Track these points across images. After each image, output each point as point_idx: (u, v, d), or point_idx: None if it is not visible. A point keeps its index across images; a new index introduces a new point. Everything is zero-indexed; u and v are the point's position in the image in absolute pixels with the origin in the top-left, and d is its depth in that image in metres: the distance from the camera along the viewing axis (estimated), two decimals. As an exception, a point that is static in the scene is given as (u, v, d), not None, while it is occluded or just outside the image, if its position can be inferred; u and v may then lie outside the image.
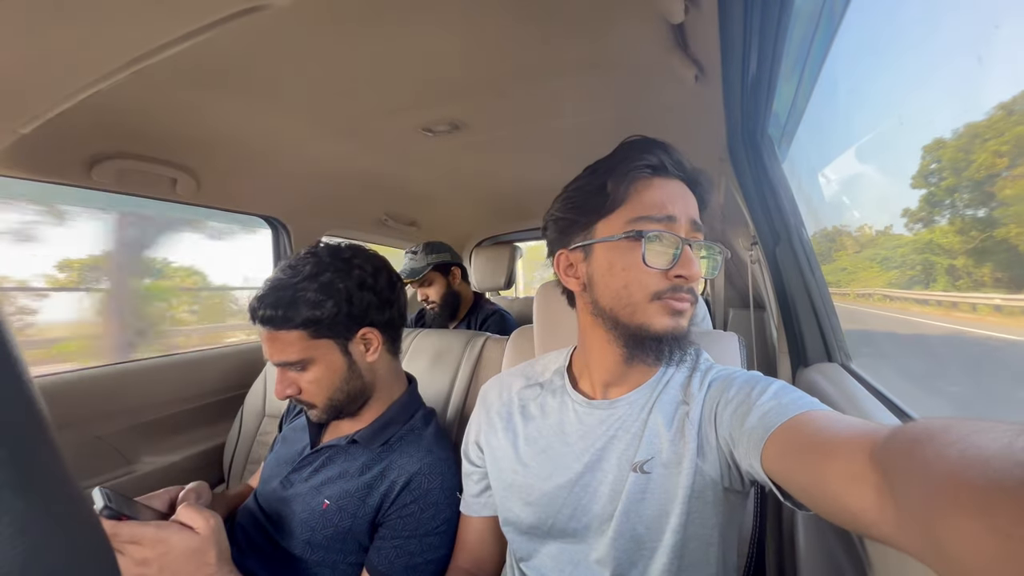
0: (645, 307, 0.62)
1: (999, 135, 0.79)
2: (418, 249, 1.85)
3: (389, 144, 1.37)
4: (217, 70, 0.92)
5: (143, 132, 1.10)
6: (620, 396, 0.69)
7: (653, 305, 0.61)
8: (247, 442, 1.37)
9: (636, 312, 0.62)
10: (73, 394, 1.20)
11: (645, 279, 0.61)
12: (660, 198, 0.63)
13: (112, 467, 1.25)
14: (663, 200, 0.62)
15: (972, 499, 0.26)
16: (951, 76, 0.77)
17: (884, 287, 1.60)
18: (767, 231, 1.15)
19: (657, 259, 0.60)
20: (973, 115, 0.80)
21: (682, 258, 0.60)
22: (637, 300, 0.62)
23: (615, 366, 0.68)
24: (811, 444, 0.46)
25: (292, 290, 0.80)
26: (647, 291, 0.61)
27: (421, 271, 1.80)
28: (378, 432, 0.87)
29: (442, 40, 0.87)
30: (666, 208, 0.62)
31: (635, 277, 0.61)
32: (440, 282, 1.84)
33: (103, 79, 0.68)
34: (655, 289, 0.61)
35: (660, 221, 0.61)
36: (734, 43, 0.71)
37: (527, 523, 0.69)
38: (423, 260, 1.82)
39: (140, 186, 1.23)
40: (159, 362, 1.42)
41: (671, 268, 0.60)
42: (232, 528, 0.88)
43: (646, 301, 0.61)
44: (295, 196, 1.63)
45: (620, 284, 0.62)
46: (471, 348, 1.23)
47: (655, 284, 0.61)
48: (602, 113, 1.21)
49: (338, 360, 0.84)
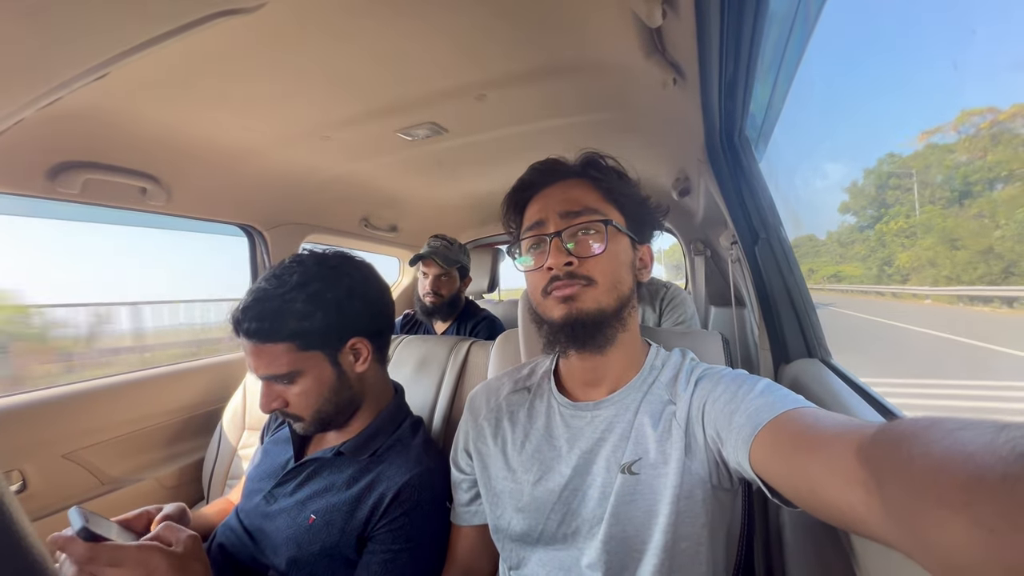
0: (542, 303, 0.69)
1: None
2: (454, 243, 1.83)
3: (366, 149, 1.35)
4: (186, 76, 0.89)
5: (109, 141, 1.06)
6: (604, 397, 0.69)
7: (547, 300, 0.68)
8: (227, 457, 1.33)
9: (541, 309, 0.70)
10: (44, 413, 1.15)
11: (533, 280, 0.70)
12: (532, 211, 0.72)
13: (86, 487, 1.21)
14: (534, 212, 0.71)
15: (955, 494, 0.26)
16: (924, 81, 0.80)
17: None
18: (746, 230, 1.17)
19: (532, 261, 0.70)
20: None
21: (548, 251, 0.67)
22: (537, 299, 0.70)
23: (574, 362, 0.72)
24: (798, 441, 0.46)
25: (279, 301, 0.77)
26: (538, 289, 0.69)
27: (452, 263, 1.78)
28: (365, 443, 0.85)
29: (418, 44, 0.86)
30: (535, 217, 0.70)
31: (529, 281, 0.72)
32: (455, 282, 1.82)
33: (65, 86, 0.65)
34: (542, 285, 0.68)
35: (531, 229, 0.70)
36: (711, 46, 0.72)
37: (518, 530, 0.68)
38: (458, 255, 1.81)
39: (107, 196, 1.18)
40: (133, 377, 1.37)
41: (544, 264, 0.67)
42: (211, 548, 0.85)
43: (541, 298, 0.69)
44: (271, 203, 1.60)
45: (529, 291, 0.73)
46: (456, 354, 1.22)
47: (540, 281, 0.68)
48: (582, 116, 1.22)
49: (327, 372, 0.81)
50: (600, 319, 0.65)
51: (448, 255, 1.77)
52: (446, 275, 1.78)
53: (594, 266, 0.66)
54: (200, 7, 0.54)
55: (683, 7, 0.66)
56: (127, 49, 0.58)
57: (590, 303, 0.65)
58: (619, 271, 0.67)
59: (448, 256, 1.77)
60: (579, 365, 0.71)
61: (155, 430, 1.38)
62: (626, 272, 0.68)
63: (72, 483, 1.18)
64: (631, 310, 0.70)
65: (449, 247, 1.80)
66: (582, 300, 0.65)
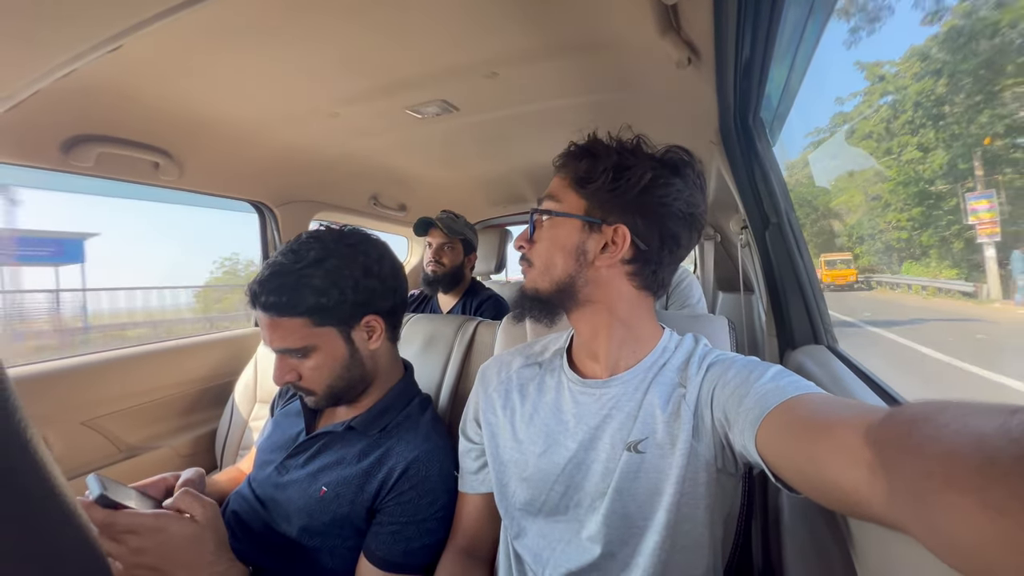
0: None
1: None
2: (459, 217, 1.88)
3: (375, 126, 1.34)
4: (198, 51, 0.89)
5: (123, 115, 1.07)
6: (614, 376, 0.70)
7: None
8: (239, 428, 1.37)
9: None
10: (62, 382, 1.19)
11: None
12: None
13: (104, 454, 1.25)
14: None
15: (966, 476, 0.26)
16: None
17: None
18: (757, 215, 1.16)
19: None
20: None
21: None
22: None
23: (575, 339, 0.78)
24: (805, 424, 0.47)
25: (296, 276, 0.78)
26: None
27: (456, 233, 1.82)
28: (376, 418, 0.87)
29: (429, 19, 0.85)
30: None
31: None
32: (459, 254, 1.86)
33: (79, 58, 0.65)
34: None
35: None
36: (728, 26, 0.70)
37: (521, 499, 0.71)
38: (462, 228, 1.85)
39: (121, 170, 1.19)
40: (148, 349, 1.40)
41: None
42: (225, 514, 0.88)
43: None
44: (281, 180, 1.60)
45: None
46: (463, 333, 1.23)
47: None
48: (595, 95, 1.20)
49: (340, 348, 0.83)
50: (537, 298, 0.72)
51: (452, 225, 1.81)
52: (450, 244, 1.82)
53: (533, 251, 0.73)
54: None
55: None
56: (140, 20, 0.58)
57: (528, 283, 0.73)
58: (552, 256, 0.70)
59: (452, 227, 1.80)
60: (576, 332, 0.76)
61: (170, 400, 1.42)
62: (562, 256, 0.69)
63: (91, 449, 1.22)
64: (590, 288, 0.70)
65: (455, 219, 1.84)
66: (526, 280, 0.74)
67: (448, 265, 1.82)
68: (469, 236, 1.86)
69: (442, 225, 1.78)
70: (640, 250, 0.68)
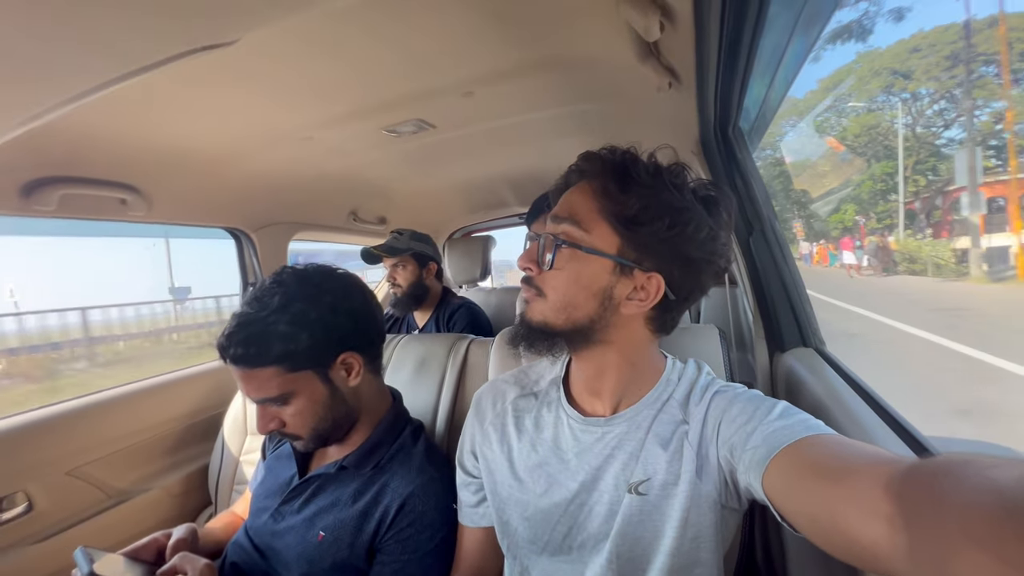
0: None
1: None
2: (404, 232, 1.85)
3: (350, 146, 1.31)
4: (162, 88, 0.85)
5: (85, 154, 1.02)
6: (614, 413, 0.68)
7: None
8: (231, 462, 1.34)
9: None
10: (42, 433, 1.14)
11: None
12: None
13: (93, 502, 1.21)
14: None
15: (984, 529, 0.26)
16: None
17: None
18: (741, 222, 1.16)
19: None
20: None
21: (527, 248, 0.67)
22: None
23: (575, 367, 0.73)
24: (817, 469, 0.45)
25: (262, 324, 0.75)
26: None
27: (399, 251, 1.80)
28: (367, 455, 0.86)
29: (403, 47, 0.82)
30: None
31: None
32: (413, 270, 1.83)
33: (36, 118, 0.62)
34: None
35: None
36: (709, 54, 0.70)
37: (524, 537, 0.70)
38: (405, 243, 1.82)
39: (86, 210, 1.14)
40: (129, 390, 1.36)
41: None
42: (223, 567, 0.86)
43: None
44: (256, 205, 1.56)
45: None
46: (455, 354, 1.21)
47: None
48: (573, 106, 1.19)
49: (319, 389, 0.81)
50: (546, 332, 0.64)
51: (395, 245, 1.80)
52: (400, 263, 1.82)
53: (546, 280, 0.64)
54: (176, 45, 0.51)
55: (681, 20, 0.63)
56: (100, 83, 0.55)
57: (536, 314, 0.64)
58: (574, 295, 0.61)
59: (395, 247, 1.80)
60: (578, 367, 0.71)
61: (157, 439, 1.38)
62: (586, 297, 0.61)
63: (79, 499, 1.18)
64: (608, 331, 0.64)
65: (398, 238, 1.83)
66: (530, 309, 0.65)
67: (405, 284, 1.82)
68: (419, 248, 1.84)
69: (383, 250, 1.79)
70: (668, 299, 0.63)
